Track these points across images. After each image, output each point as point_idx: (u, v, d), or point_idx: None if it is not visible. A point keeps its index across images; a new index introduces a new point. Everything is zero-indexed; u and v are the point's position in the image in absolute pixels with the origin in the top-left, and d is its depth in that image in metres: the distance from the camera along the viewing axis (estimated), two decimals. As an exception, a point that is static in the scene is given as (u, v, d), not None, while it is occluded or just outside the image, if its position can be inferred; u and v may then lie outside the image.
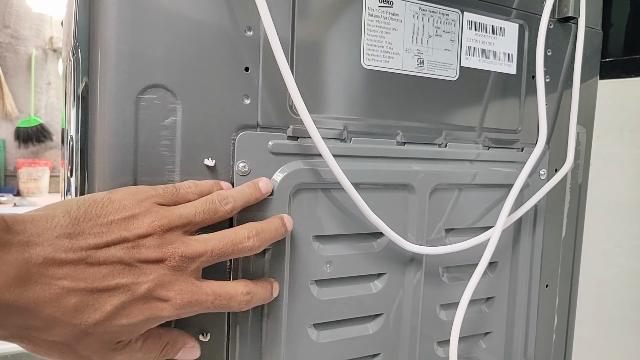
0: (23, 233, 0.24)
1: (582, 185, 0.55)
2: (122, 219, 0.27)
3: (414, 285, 0.43)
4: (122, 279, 0.26)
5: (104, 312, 0.26)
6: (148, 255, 0.27)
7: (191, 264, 0.28)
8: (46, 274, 0.24)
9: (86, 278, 0.25)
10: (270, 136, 0.36)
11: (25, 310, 0.24)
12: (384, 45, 0.40)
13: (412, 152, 0.42)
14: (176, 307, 0.28)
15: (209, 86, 0.34)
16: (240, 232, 0.31)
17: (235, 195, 0.32)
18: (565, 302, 0.55)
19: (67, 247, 0.25)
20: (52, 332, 0.25)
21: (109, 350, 0.28)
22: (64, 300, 0.25)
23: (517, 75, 0.48)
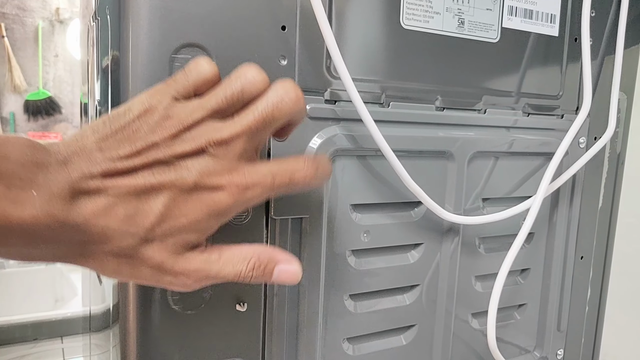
0: (58, 153, 0.24)
1: (621, 155, 0.53)
2: (147, 125, 0.25)
3: (450, 255, 0.42)
4: (164, 177, 0.25)
5: (156, 214, 0.25)
6: (184, 149, 0.26)
7: (231, 147, 0.26)
8: (88, 188, 0.24)
9: (128, 185, 0.25)
10: (307, 99, 0.34)
11: (79, 225, 0.24)
12: (424, 3, 0.38)
13: (451, 118, 0.40)
14: (233, 193, 0.26)
15: (245, 46, 0.32)
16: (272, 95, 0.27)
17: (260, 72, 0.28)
18: (599, 275, 0.54)
19: (102, 160, 0.24)
20: (112, 244, 0.25)
21: (179, 255, 0.27)
22: (112, 210, 0.24)
23: (559, 37, 0.46)
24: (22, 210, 0.22)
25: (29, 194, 0.23)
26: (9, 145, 0.23)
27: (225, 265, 0.28)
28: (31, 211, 0.23)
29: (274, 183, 0.27)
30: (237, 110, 0.27)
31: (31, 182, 0.23)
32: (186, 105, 0.26)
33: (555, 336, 0.50)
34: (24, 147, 0.23)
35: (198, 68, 0.27)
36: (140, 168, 0.25)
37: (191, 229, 0.26)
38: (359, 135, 0.36)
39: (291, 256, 0.30)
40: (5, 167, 0.22)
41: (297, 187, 0.28)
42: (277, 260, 0.29)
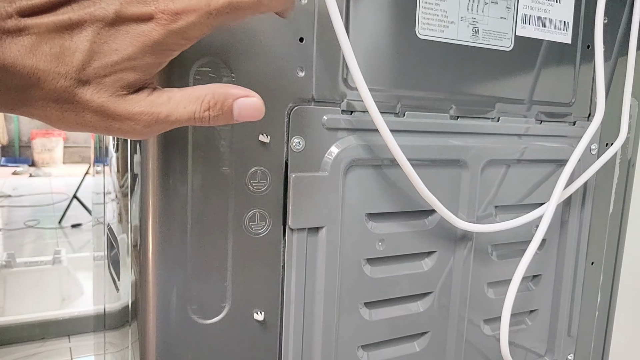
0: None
1: (632, 160, 0.53)
2: None
3: (462, 263, 0.43)
4: (83, 10, 0.24)
5: (84, 50, 0.24)
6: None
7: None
8: (8, 27, 0.23)
9: (47, 22, 0.23)
10: (324, 110, 0.34)
11: (7, 67, 0.23)
12: (440, 13, 0.38)
13: (465, 127, 0.41)
14: (164, 22, 0.24)
15: (264, 58, 0.32)
16: None
17: None
18: (609, 280, 0.54)
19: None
20: (47, 86, 0.24)
21: (122, 97, 0.25)
22: (37, 49, 0.23)
23: (572, 44, 0.46)
24: None
25: None
26: None
27: (177, 107, 0.26)
28: None
29: (209, 6, 0.24)
30: None
31: None
32: None
33: (566, 341, 0.51)
34: None
35: None
36: (58, 4, 0.23)
37: (126, 66, 0.24)
38: (374, 145, 0.36)
39: (248, 90, 0.27)
40: None
41: (243, 12, 0.25)
42: (235, 95, 0.27)
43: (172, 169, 0.31)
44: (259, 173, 0.33)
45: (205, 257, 0.32)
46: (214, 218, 0.32)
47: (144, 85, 0.25)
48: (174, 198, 0.31)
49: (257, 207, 0.33)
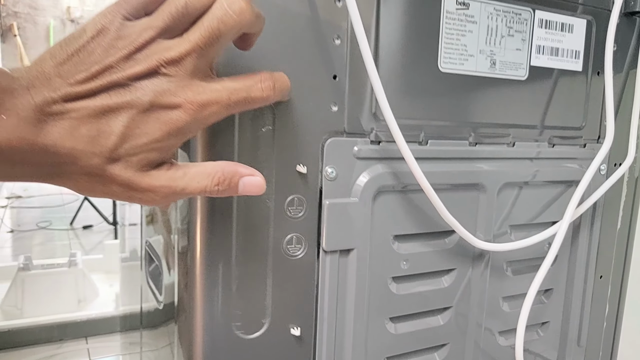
0: (22, 79, 0.26)
1: (639, 179, 0.56)
2: (101, 46, 0.27)
3: (479, 278, 0.45)
4: (121, 98, 0.27)
5: (117, 134, 0.27)
6: (138, 70, 0.27)
7: (183, 65, 0.27)
8: (52, 112, 0.26)
9: (87, 108, 0.26)
10: (354, 142, 0.37)
11: (47, 147, 0.26)
12: (460, 47, 0.41)
13: (483, 153, 0.43)
14: (189, 111, 0.28)
15: (301, 94, 0.35)
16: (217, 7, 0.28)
17: None
18: (616, 292, 0.57)
19: (62, 85, 0.26)
20: (81, 164, 0.27)
21: (144, 172, 0.28)
22: (76, 131, 0.26)
23: (583, 71, 0.49)
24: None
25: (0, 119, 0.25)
26: None
27: (191, 181, 0.29)
28: (3, 134, 0.25)
29: (230, 100, 0.28)
30: (185, 27, 0.28)
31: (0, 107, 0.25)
32: (136, 25, 0.27)
33: (576, 351, 0.53)
34: None
35: None
36: (98, 91, 0.26)
37: (153, 147, 0.27)
38: (400, 172, 0.39)
39: (253, 170, 0.30)
40: None
41: (255, 104, 0.29)
42: (241, 174, 0.30)
43: (218, 202, 0.34)
44: (296, 200, 0.36)
45: (248, 278, 0.35)
46: (256, 242, 0.35)
47: (163, 161, 0.29)
48: (220, 225, 0.34)
49: (294, 232, 0.36)
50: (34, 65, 0.26)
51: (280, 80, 0.31)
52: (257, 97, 0.29)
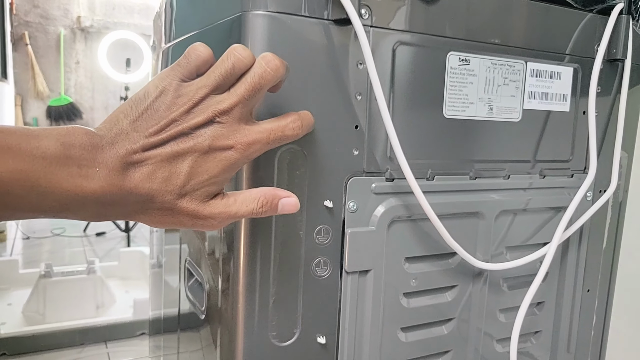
0: (106, 136, 0.32)
1: (622, 203, 0.63)
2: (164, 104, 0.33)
3: (479, 293, 0.52)
4: (186, 144, 0.33)
5: (185, 174, 0.33)
6: (197, 121, 0.33)
7: (233, 114, 0.34)
8: (134, 161, 0.32)
9: (161, 154, 0.32)
10: (372, 180, 0.44)
11: (131, 189, 0.32)
12: (462, 97, 0.48)
13: (482, 185, 0.50)
14: (240, 150, 0.34)
15: (329, 142, 0.42)
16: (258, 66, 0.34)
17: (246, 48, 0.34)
18: (603, 304, 0.64)
19: (139, 138, 0.32)
20: (157, 201, 0.33)
21: (205, 203, 0.34)
22: (154, 175, 0.32)
23: (570, 112, 0.55)
24: (93, 183, 0.31)
25: (94, 171, 0.31)
26: (73, 135, 0.31)
27: (241, 206, 0.35)
28: (98, 183, 0.31)
29: (269, 139, 0.35)
30: (232, 83, 0.34)
31: (93, 161, 0.31)
32: (192, 84, 0.33)
33: (566, 357, 0.60)
34: (82, 135, 0.31)
35: (197, 52, 0.34)
36: (167, 140, 0.33)
37: (212, 182, 0.34)
38: (410, 204, 0.46)
39: (289, 192, 0.37)
40: (75, 152, 0.30)
41: (288, 140, 0.36)
42: (280, 196, 0.36)
43: (259, 233, 0.41)
44: (324, 229, 0.43)
45: (283, 294, 0.42)
46: (290, 265, 0.42)
47: (218, 192, 0.35)
48: (261, 251, 0.41)
49: (322, 256, 0.43)
50: (112, 123, 0.33)
51: (306, 119, 0.38)
52: (290, 135, 0.36)
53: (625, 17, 0.55)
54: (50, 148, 0.30)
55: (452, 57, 0.47)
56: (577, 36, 0.55)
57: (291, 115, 0.37)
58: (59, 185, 0.30)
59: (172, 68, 0.34)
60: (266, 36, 0.39)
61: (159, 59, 0.72)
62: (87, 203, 0.31)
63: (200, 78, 0.34)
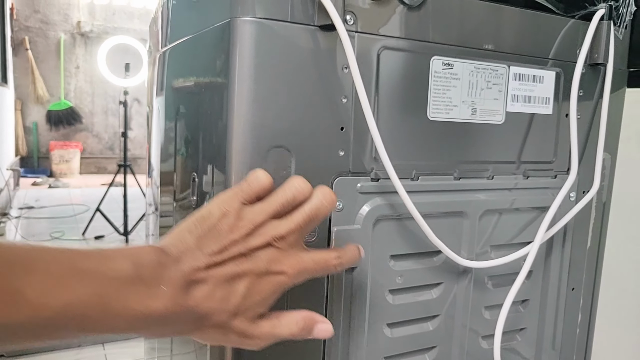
0: (171, 253, 0.34)
1: (606, 204, 0.64)
2: (227, 225, 0.35)
3: (464, 291, 0.54)
4: (245, 266, 0.35)
5: (241, 294, 0.35)
6: (256, 244, 0.35)
7: (288, 240, 0.36)
8: (197, 279, 0.33)
9: (222, 274, 0.34)
10: (358, 179, 0.46)
11: (192, 308, 0.33)
12: (446, 100, 0.50)
13: (466, 185, 0.52)
14: (291, 276, 0.36)
15: (314, 143, 0.44)
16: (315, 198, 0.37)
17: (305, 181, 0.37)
18: (588, 302, 0.65)
19: (203, 256, 0.34)
20: (213, 319, 0.34)
21: (254, 323, 0.36)
22: (213, 293, 0.34)
23: (553, 114, 0.57)
24: (159, 303, 0.31)
25: (161, 289, 0.32)
26: (143, 254, 0.33)
27: (284, 328, 0.37)
28: (164, 302, 0.32)
29: (314, 269, 0.38)
30: (290, 210, 0.37)
31: (160, 279, 0.32)
32: (253, 209, 0.36)
33: (551, 354, 0.61)
34: (152, 253, 0.33)
35: (258, 180, 0.37)
36: (227, 260, 0.34)
37: (262, 303, 0.36)
38: (395, 203, 0.47)
39: (324, 318, 0.40)
40: (144, 272, 0.32)
41: (329, 272, 0.40)
42: (317, 321, 0.39)
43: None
44: (311, 227, 0.44)
45: (272, 290, 0.44)
46: (278, 262, 0.44)
47: (264, 313, 0.37)
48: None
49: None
50: (178, 240, 0.34)
51: (348, 256, 0.39)
52: (331, 268, 0.39)
53: (607, 23, 0.57)
54: (123, 269, 0.31)
55: (435, 62, 0.49)
56: (560, 41, 0.57)
57: (337, 250, 0.39)
58: (129, 307, 0.31)
59: (235, 192, 0.36)
60: (254, 41, 0.41)
61: (156, 63, 0.73)
62: (150, 322, 0.32)
63: (261, 203, 0.36)
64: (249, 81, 0.41)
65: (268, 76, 0.42)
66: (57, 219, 3.47)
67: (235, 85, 0.42)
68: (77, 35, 5.77)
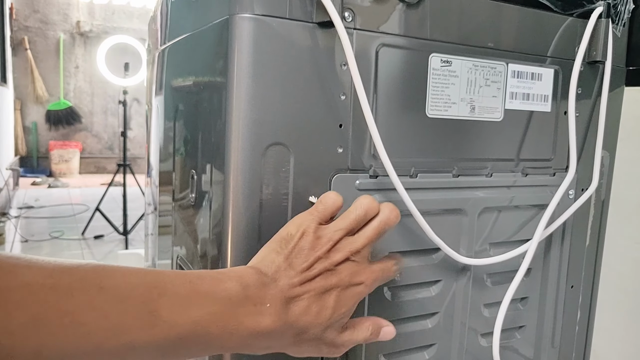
0: (267, 274, 0.36)
1: (605, 201, 0.64)
2: (308, 243, 0.38)
3: (463, 288, 0.54)
4: (331, 280, 0.38)
5: (332, 307, 0.37)
6: (337, 260, 0.38)
7: (363, 253, 0.39)
8: (294, 295, 0.36)
9: (314, 288, 0.37)
10: (356, 176, 0.46)
11: (292, 323, 0.36)
12: (444, 97, 0.50)
13: (465, 183, 0.52)
14: (368, 286, 0.40)
15: (313, 140, 0.44)
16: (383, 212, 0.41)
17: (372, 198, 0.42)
18: (587, 300, 0.65)
19: (293, 275, 0.37)
20: (308, 333, 0.37)
21: (340, 333, 0.39)
22: (309, 309, 0.36)
23: (552, 112, 0.57)
24: (266, 320, 0.34)
25: (266, 307, 0.35)
26: (247, 275, 0.35)
27: (359, 334, 0.41)
28: (270, 318, 0.35)
29: (382, 276, 0.41)
30: (361, 226, 0.40)
31: (265, 298, 0.35)
32: (329, 227, 0.39)
33: (550, 351, 0.61)
34: (254, 274, 0.35)
35: (331, 201, 0.40)
36: (316, 275, 0.37)
37: (347, 314, 0.39)
38: (394, 200, 0.47)
39: (389, 322, 0.43)
40: (251, 292, 0.34)
41: (392, 277, 0.43)
42: (382, 325, 0.43)
43: (246, 234, 0.42)
44: (309, 225, 0.44)
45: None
46: (277, 259, 0.43)
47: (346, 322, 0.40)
48: (247, 250, 0.43)
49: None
50: (269, 261, 0.37)
51: (402, 261, 0.44)
52: (392, 274, 0.42)
53: (605, 21, 0.57)
54: (233, 290, 0.34)
55: (434, 59, 0.49)
56: (558, 39, 0.57)
57: (393, 258, 0.43)
58: (242, 324, 0.34)
59: (310, 212, 0.39)
60: (252, 38, 0.41)
61: (155, 62, 0.73)
62: (260, 338, 0.35)
63: (336, 221, 0.40)
64: (248, 78, 0.41)
65: (266, 73, 0.42)
66: (57, 219, 3.47)
67: (233, 82, 0.42)
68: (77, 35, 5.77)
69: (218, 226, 0.44)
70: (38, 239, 2.96)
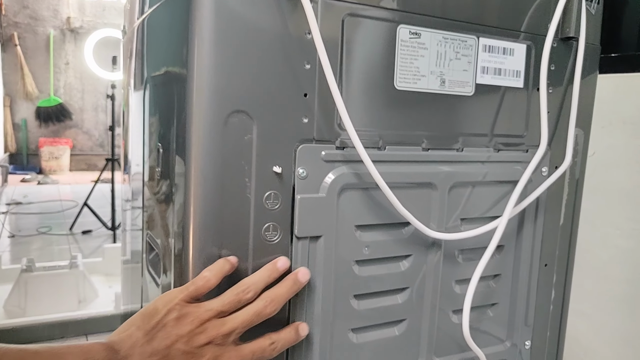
0: (120, 351, 0.36)
1: (579, 180, 0.64)
2: (172, 321, 0.38)
3: (434, 264, 0.53)
4: None
5: None
6: (200, 342, 0.38)
7: (230, 337, 0.39)
8: None
9: None
10: (322, 147, 0.45)
11: None
12: (413, 69, 0.49)
13: (435, 156, 0.51)
14: None
15: (277, 109, 0.43)
16: (259, 303, 0.41)
17: (256, 282, 0.41)
18: (561, 279, 0.65)
19: (149, 353, 0.37)
20: None
21: None
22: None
23: (524, 88, 0.57)
24: None
25: None
26: (94, 351, 0.35)
27: None
28: None
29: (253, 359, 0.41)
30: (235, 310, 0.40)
31: None
32: (200, 306, 0.39)
33: (523, 330, 0.61)
34: (102, 351, 0.36)
35: (203, 281, 0.39)
36: (174, 356, 0.37)
37: None
38: (361, 172, 0.47)
39: None
40: None
41: (269, 357, 0.42)
42: None
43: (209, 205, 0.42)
44: (273, 195, 0.44)
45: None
46: (240, 229, 0.43)
47: None
48: (211, 226, 0.42)
49: (271, 221, 0.44)
50: (127, 336, 0.37)
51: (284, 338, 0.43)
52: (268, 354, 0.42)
53: (578, -3, 0.57)
54: None
55: (402, 30, 0.48)
56: (531, 14, 0.56)
57: (269, 337, 0.42)
58: None
59: (181, 290, 0.39)
60: (214, 5, 0.40)
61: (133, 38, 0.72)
62: None
63: (209, 301, 0.40)
64: (209, 45, 0.41)
65: (229, 40, 0.41)
66: (45, 215, 3.44)
67: (195, 49, 0.41)
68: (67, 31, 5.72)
69: (179, 195, 0.44)
70: (25, 234, 2.93)
